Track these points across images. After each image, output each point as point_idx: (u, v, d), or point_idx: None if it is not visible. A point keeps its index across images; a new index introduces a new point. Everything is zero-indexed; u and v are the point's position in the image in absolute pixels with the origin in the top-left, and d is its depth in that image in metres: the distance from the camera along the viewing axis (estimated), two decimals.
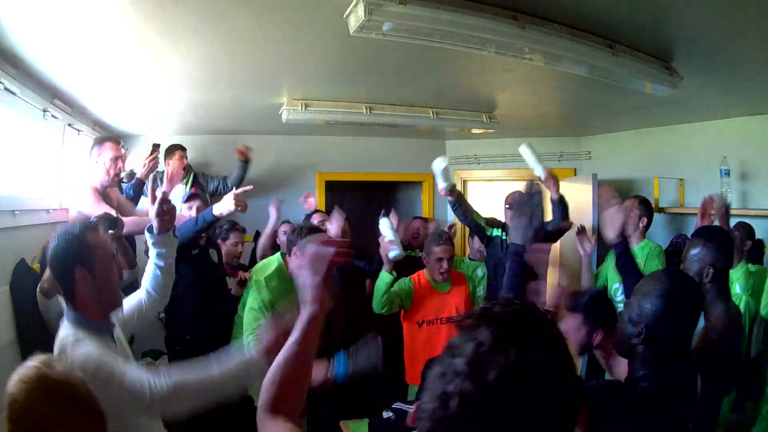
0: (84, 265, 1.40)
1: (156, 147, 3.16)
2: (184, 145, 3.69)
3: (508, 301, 0.73)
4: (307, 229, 2.51)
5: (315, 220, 3.43)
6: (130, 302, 1.70)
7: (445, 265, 2.81)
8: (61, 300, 2.22)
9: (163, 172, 3.52)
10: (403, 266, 3.68)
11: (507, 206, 3.37)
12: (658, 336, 1.31)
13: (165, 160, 3.60)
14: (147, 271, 1.73)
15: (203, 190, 3.77)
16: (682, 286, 1.37)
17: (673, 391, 1.28)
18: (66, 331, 1.37)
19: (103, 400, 1.21)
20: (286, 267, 2.61)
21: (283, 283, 2.59)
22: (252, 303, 2.46)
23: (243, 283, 2.97)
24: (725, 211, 2.68)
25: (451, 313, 2.81)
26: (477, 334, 0.64)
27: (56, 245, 1.42)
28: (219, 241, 3.23)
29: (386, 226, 2.82)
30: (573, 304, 2.03)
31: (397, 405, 2.30)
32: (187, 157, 3.69)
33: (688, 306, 1.35)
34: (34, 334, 2.23)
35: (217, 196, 3.76)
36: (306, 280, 1.05)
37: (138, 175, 3.02)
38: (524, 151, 3.06)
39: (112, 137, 2.85)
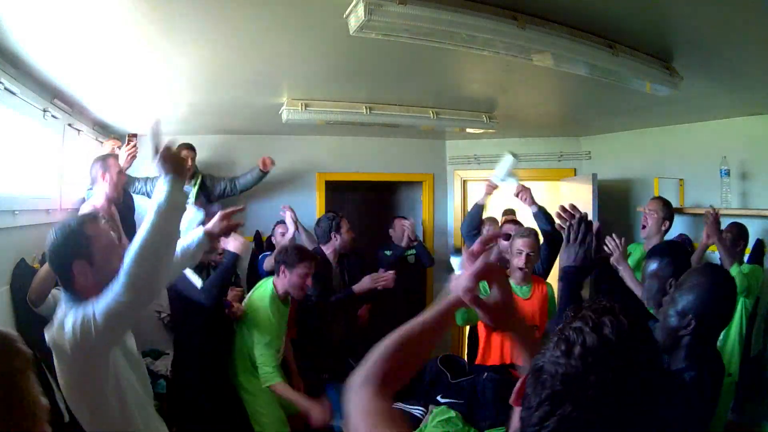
0: (82, 257, 1.38)
1: (132, 137, 3.08)
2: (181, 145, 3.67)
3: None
4: (294, 249, 2.68)
5: (278, 229, 3.62)
6: None
7: (523, 259, 2.66)
8: (50, 301, 2.24)
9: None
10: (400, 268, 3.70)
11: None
12: (705, 327, 1.41)
13: None
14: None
15: (210, 193, 3.73)
16: (723, 280, 1.49)
17: (716, 379, 1.40)
18: (60, 314, 1.35)
19: (96, 346, 1.28)
20: (277, 291, 2.68)
21: (282, 309, 2.68)
22: (261, 340, 2.62)
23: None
24: (714, 220, 2.76)
25: (528, 322, 2.71)
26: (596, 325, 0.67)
27: (53, 239, 1.39)
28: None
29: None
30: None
31: (398, 405, 2.31)
32: (194, 158, 3.62)
33: (728, 299, 1.48)
34: (34, 334, 2.24)
35: (224, 198, 3.76)
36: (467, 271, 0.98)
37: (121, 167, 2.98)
38: (507, 159, 3.07)
39: (111, 154, 2.85)
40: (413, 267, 4.06)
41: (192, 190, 3.58)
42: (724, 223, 2.97)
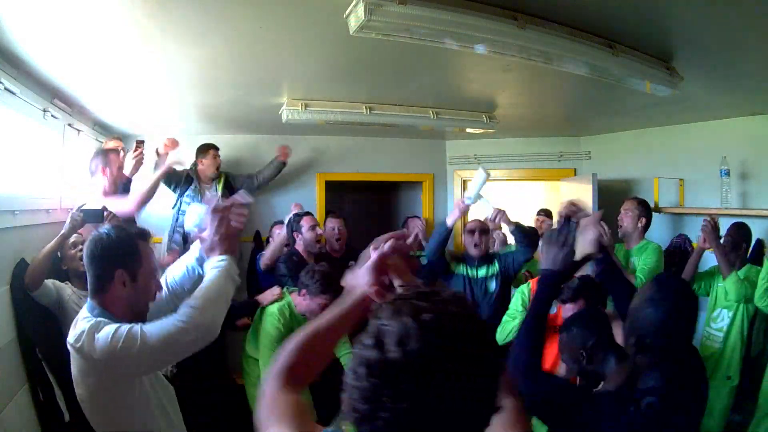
0: (127, 268, 1.36)
1: (140, 143, 3.07)
2: (182, 145, 3.66)
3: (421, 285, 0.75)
4: (320, 277, 2.55)
5: (275, 230, 3.53)
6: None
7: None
8: (50, 288, 2.23)
9: (193, 170, 3.57)
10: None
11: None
12: (654, 344, 1.33)
13: (197, 159, 3.61)
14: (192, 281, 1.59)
15: (234, 191, 3.75)
16: (671, 292, 1.40)
17: (675, 398, 1.28)
18: (87, 323, 1.31)
19: (139, 365, 1.28)
20: (295, 306, 2.70)
21: (297, 322, 2.65)
22: (265, 352, 2.56)
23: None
24: (712, 227, 2.76)
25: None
26: (381, 311, 0.68)
27: (104, 238, 1.37)
28: None
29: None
30: (562, 298, 2.22)
31: None
32: (219, 156, 3.65)
33: (679, 312, 1.37)
34: (35, 333, 2.24)
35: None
36: (368, 264, 1.00)
37: (127, 174, 2.99)
38: (479, 175, 2.93)
39: (110, 149, 2.85)
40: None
41: (218, 190, 3.61)
42: (724, 223, 2.97)
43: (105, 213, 2.40)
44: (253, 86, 2.69)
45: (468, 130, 3.60)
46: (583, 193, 3.84)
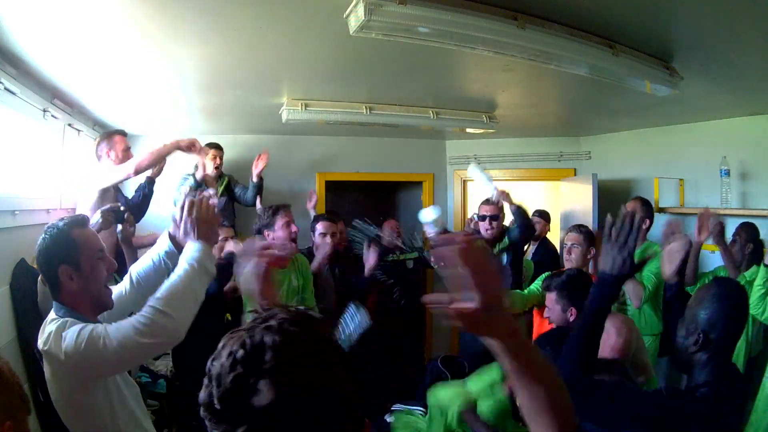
0: (67, 262, 1.35)
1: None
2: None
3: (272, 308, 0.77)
4: (265, 210, 2.65)
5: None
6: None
7: (565, 253, 2.76)
8: None
9: (192, 175, 3.56)
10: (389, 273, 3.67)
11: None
12: (714, 340, 1.38)
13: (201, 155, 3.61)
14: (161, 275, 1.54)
15: (233, 195, 3.80)
16: (731, 291, 1.45)
17: (730, 394, 1.34)
18: (54, 324, 1.31)
19: (102, 366, 1.25)
20: None
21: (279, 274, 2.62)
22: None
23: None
24: (720, 230, 2.74)
25: None
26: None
27: (41, 241, 1.37)
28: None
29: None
30: (547, 283, 2.23)
31: (397, 407, 2.31)
32: (222, 157, 3.64)
33: (738, 310, 1.43)
34: (34, 334, 2.24)
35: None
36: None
37: (149, 175, 3.01)
38: (473, 172, 3.18)
39: (119, 131, 2.86)
40: (411, 272, 3.94)
41: (218, 190, 3.60)
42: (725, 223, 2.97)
43: (125, 215, 2.36)
44: (253, 86, 2.69)
45: (468, 130, 3.60)
46: (583, 193, 3.84)
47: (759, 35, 1.89)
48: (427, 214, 2.94)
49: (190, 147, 2.79)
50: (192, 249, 1.44)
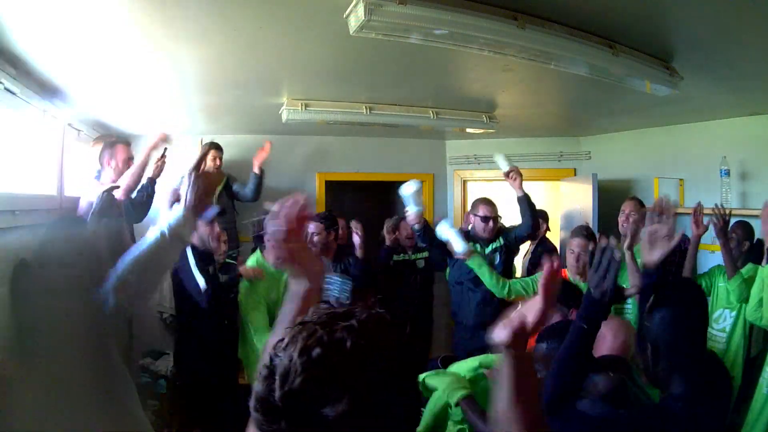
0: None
1: (166, 150, 3.08)
2: (177, 143, 3.66)
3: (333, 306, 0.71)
4: (266, 218, 2.55)
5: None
6: None
7: (572, 260, 2.80)
8: None
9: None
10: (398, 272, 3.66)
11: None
12: (663, 349, 1.29)
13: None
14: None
15: (232, 194, 3.80)
16: (681, 294, 1.36)
17: (706, 402, 1.26)
18: None
19: None
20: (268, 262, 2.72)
21: (275, 275, 2.65)
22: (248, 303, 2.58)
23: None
24: (723, 224, 2.73)
25: None
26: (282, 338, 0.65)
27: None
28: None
29: (447, 228, 2.89)
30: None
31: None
32: (221, 158, 3.65)
33: (689, 315, 1.33)
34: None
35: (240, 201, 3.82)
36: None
37: (150, 176, 3.01)
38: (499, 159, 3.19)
39: (121, 139, 2.87)
40: (422, 272, 3.86)
41: (216, 190, 3.60)
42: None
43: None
44: (253, 86, 2.69)
45: (468, 130, 3.60)
46: (583, 193, 3.84)
47: (759, 35, 1.89)
48: (408, 188, 2.92)
49: (162, 141, 2.85)
50: (171, 216, 1.42)
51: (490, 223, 3.16)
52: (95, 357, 1.33)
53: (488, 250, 3.19)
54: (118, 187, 2.40)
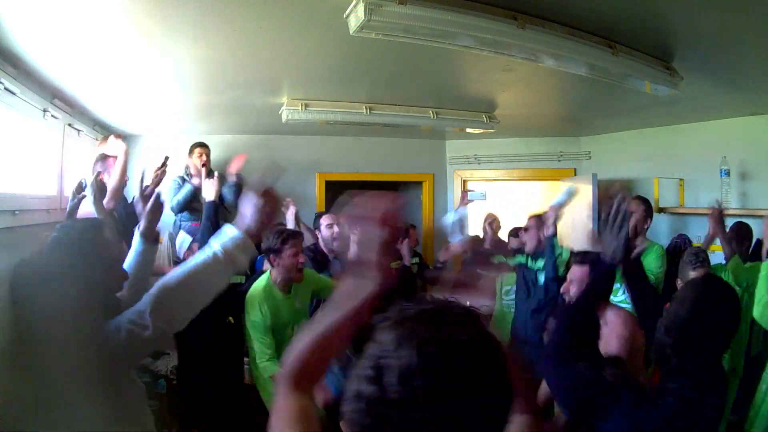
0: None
1: (167, 159, 3.01)
2: (174, 144, 3.66)
3: (429, 300, 0.70)
4: (275, 235, 2.50)
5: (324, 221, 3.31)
6: None
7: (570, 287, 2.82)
8: None
9: (186, 170, 3.55)
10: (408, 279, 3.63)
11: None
12: (690, 347, 1.28)
13: (188, 156, 3.61)
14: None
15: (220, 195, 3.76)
16: (716, 292, 1.34)
17: (696, 404, 1.24)
18: None
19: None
20: (274, 281, 2.61)
21: (280, 299, 2.60)
22: (255, 334, 2.52)
23: None
24: (719, 214, 2.75)
25: None
26: (383, 335, 0.64)
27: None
28: None
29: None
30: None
31: None
32: (207, 155, 3.60)
33: (723, 313, 1.31)
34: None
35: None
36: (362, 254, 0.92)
37: (147, 184, 2.98)
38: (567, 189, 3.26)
39: (110, 155, 2.84)
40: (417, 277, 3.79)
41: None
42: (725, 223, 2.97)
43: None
44: (253, 86, 2.69)
45: (468, 130, 3.60)
46: (583, 193, 3.84)
47: (759, 35, 1.89)
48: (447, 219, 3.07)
49: (115, 144, 2.76)
50: (227, 234, 1.28)
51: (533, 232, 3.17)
52: (99, 359, 1.32)
53: (539, 265, 3.21)
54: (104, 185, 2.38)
